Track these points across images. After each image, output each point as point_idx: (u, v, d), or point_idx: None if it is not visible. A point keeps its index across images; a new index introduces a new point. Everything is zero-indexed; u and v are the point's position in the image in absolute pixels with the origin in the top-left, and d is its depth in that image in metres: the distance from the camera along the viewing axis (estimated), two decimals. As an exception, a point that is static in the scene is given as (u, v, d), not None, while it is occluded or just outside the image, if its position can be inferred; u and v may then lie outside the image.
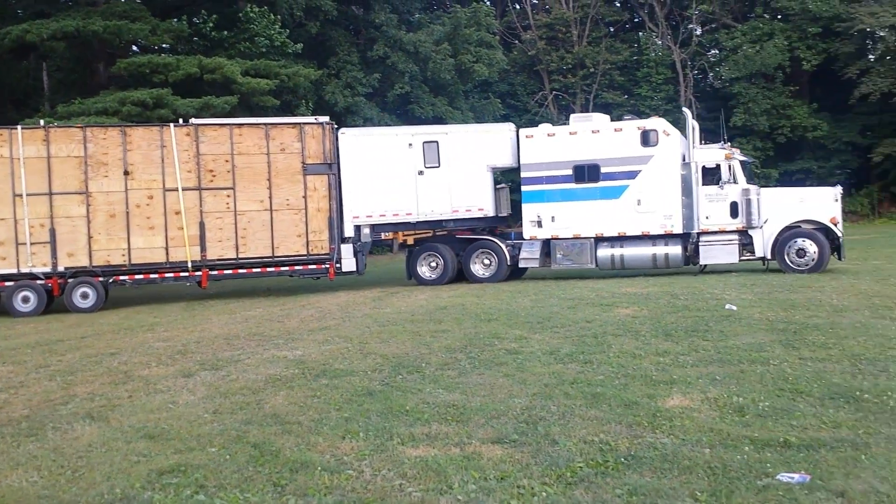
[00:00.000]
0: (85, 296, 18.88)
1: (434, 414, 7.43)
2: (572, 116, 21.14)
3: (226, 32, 31.84)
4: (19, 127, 19.20)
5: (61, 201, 18.69)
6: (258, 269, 19.79)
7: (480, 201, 20.31)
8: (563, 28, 48.36)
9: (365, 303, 16.94)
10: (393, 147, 20.35)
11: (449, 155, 20.22)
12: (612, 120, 21.02)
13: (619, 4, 52.28)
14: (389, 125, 32.59)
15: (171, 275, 19.41)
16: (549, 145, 19.86)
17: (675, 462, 5.81)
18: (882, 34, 42.29)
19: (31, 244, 18.54)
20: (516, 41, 49.55)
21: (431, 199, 20.21)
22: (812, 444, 6.03)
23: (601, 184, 19.39)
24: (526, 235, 20.08)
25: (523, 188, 20.16)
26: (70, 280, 18.81)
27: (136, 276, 19.26)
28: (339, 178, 19.99)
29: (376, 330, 12.65)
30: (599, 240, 19.50)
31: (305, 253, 19.70)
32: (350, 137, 20.44)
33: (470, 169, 20.22)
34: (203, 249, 19.31)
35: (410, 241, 21.12)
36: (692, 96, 46.03)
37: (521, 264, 20.27)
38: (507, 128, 21.13)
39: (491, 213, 20.46)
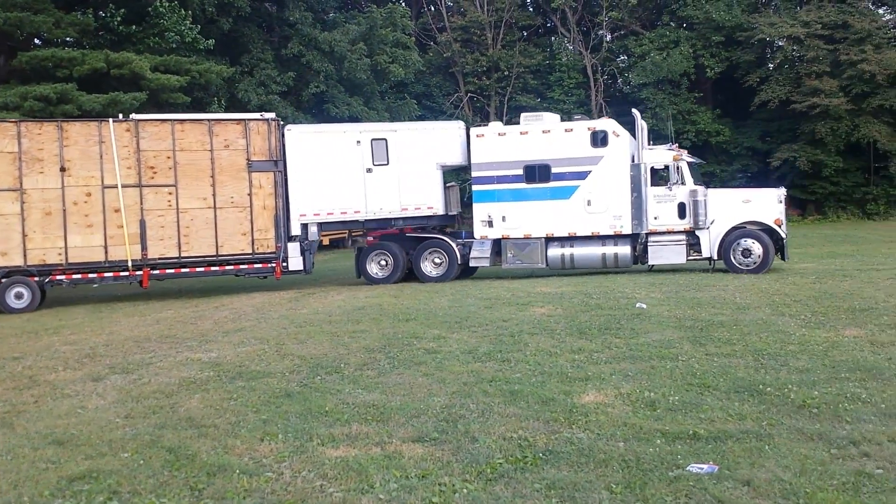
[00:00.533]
0: (19, 296, 18.22)
1: (354, 414, 7.44)
2: (523, 116, 20.84)
3: (134, 27, 30.88)
4: None
5: None
6: (202, 269, 19.29)
7: (430, 200, 20.11)
8: (477, 31, 48.78)
9: (281, 304, 16.74)
10: (341, 144, 20.01)
11: (398, 153, 19.98)
12: (562, 120, 21.07)
13: (532, 9, 53.03)
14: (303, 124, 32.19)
15: (111, 274, 18.83)
16: (500, 144, 19.79)
17: (591, 456, 5.98)
18: (780, 44, 44.16)
19: None
20: (432, 43, 49.74)
21: (380, 198, 19.94)
22: (719, 435, 6.29)
23: (552, 184, 19.42)
24: (477, 235, 20.03)
25: (474, 187, 20.13)
26: (3, 280, 18.15)
27: (74, 276, 18.65)
28: (286, 175, 19.60)
29: (293, 331, 12.53)
30: (550, 240, 19.54)
31: (251, 252, 19.25)
32: (296, 134, 20.01)
33: (419, 167, 20.00)
34: (144, 248, 18.75)
35: (370, 240, 20.77)
36: (603, 101, 47.08)
37: (472, 263, 20.23)
38: (457, 126, 21.03)
39: (440, 212, 20.27)
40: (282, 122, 20.13)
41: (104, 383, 9.36)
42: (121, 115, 20.06)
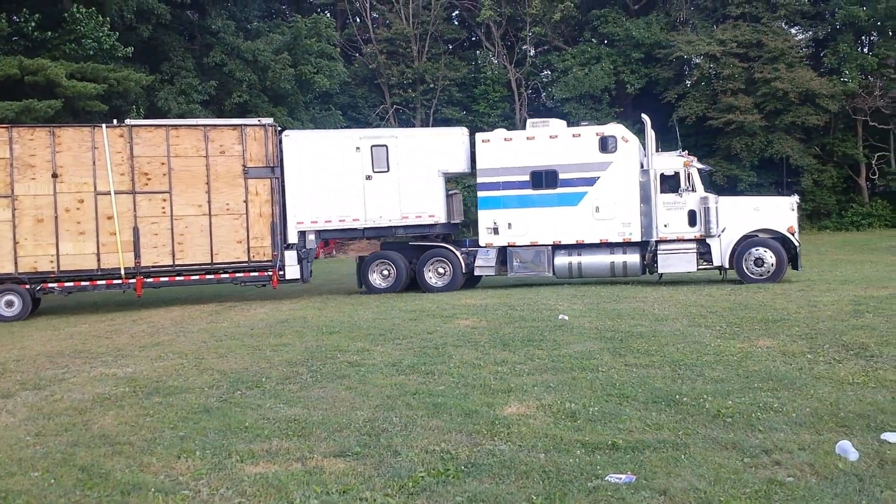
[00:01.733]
0: (10, 304, 17.84)
1: (275, 429, 7.32)
2: (529, 121, 20.46)
3: (50, 33, 29.95)
4: None
5: None
6: (196, 277, 18.83)
7: (431, 207, 19.64)
8: (403, 43, 48.91)
9: (201, 317, 16.39)
10: (340, 150, 19.56)
11: (398, 159, 19.53)
12: (569, 125, 20.55)
13: (457, 23, 53.44)
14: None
15: (104, 282, 18.30)
16: (506, 150, 19.37)
17: (513, 468, 6.02)
18: (697, 61, 45.52)
19: None
20: (357, 54, 49.65)
21: (380, 205, 19.47)
22: (637, 445, 6.40)
23: (559, 190, 19.00)
24: (482, 243, 19.60)
25: (479, 194, 19.68)
26: None
27: (66, 284, 18.12)
28: (283, 182, 19.14)
29: (213, 345, 12.28)
30: (557, 247, 19.07)
31: (247, 260, 18.76)
32: (294, 140, 19.59)
33: (420, 174, 19.56)
34: (137, 256, 18.24)
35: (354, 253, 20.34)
36: (526, 115, 47.68)
37: (477, 272, 19.75)
38: (460, 132, 20.47)
39: (442, 220, 19.80)
40: (279, 128, 19.74)
41: (14, 400, 9.00)
42: (115, 121, 19.49)
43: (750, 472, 5.76)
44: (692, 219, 18.39)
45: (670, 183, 18.60)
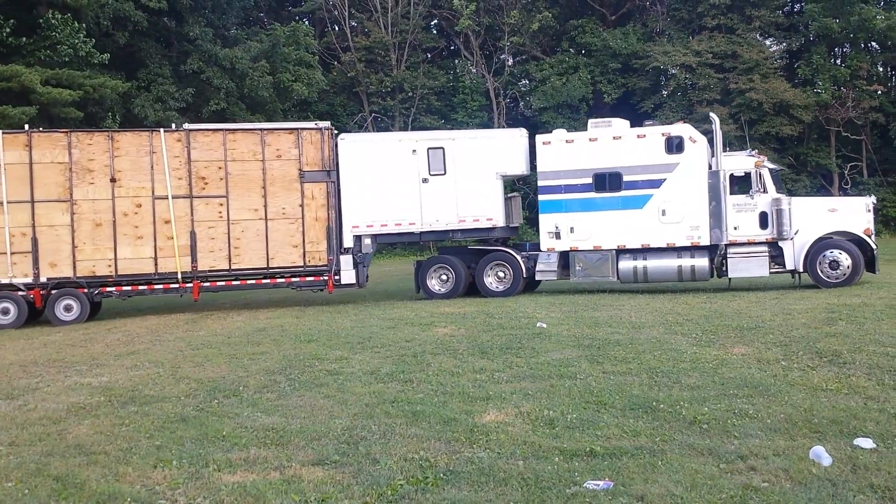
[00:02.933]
0: (69, 308, 17.86)
1: (252, 438, 7.29)
2: (591, 122, 19.85)
3: (24, 39, 29.67)
4: (0, 132, 18.12)
5: (44, 209, 17.73)
6: (252, 281, 18.68)
7: (489, 211, 19.28)
8: (381, 52, 48.93)
9: (177, 325, 16.28)
10: (396, 153, 19.31)
11: (455, 162, 19.22)
12: (632, 126, 19.96)
13: (436, 32, 53.57)
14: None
15: (161, 286, 18.26)
16: (568, 152, 18.92)
17: (492, 475, 6.03)
18: (673, 72, 45.94)
19: (12, 254, 17.61)
20: (335, 62, 49.60)
21: (436, 209, 19.16)
22: (615, 452, 6.44)
23: (623, 193, 18.49)
24: (543, 247, 19.12)
25: (540, 197, 19.22)
26: (53, 292, 17.77)
27: (124, 288, 18.07)
28: (339, 185, 18.96)
29: (190, 353, 12.20)
30: (621, 252, 18.58)
31: (302, 264, 18.59)
32: (350, 143, 19.40)
33: (478, 176, 19.21)
34: (194, 260, 18.17)
35: None
36: (504, 123, 47.86)
37: (538, 277, 19.33)
38: (519, 133, 20.05)
39: (500, 223, 19.44)
40: (336, 132, 19.56)
41: (-15, 410, 8.89)
42: (173, 125, 19.46)
43: (726, 478, 5.81)
44: (763, 221, 17.86)
45: (740, 184, 18.14)
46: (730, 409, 7.53)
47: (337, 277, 18.78)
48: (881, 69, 47.02)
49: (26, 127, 18.97)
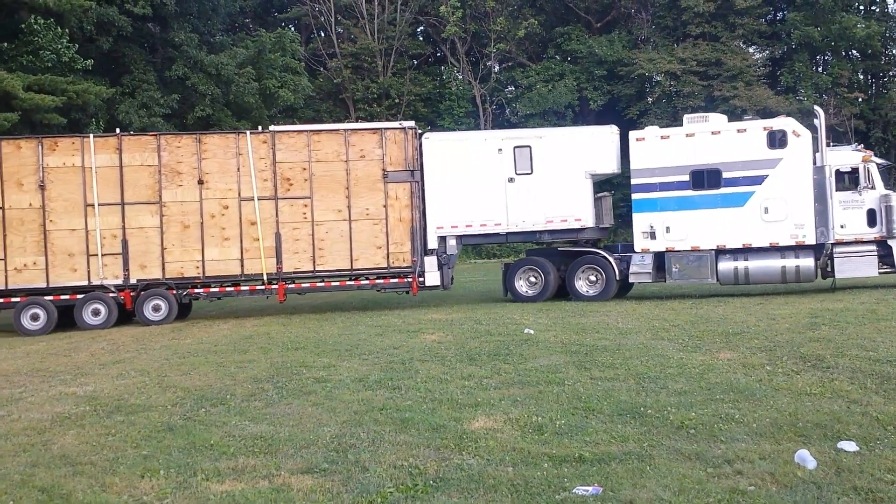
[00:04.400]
0: (157, 308, 18.06)
1: (241, 447, 7.26)
2: (686, 117, 19.35)
3: (6, 44, 29.47)
4: (91, 135, 18.57)
5: (134, 211, 18.05)
6: (336, 283, 18.64)
7: (578, 211, 18.84)
8: (368, 58, 49.01)
9: (163, 334, 16.20)
10: (481, 152, 18.98)
11: (543, 160, 18.80)
12: (730, 120, 19.43)
13: (422, 38, 53.72)
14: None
15: (247, 288, 18.36)
16: (663, 149, 18.31)
17: (481, 482, 6.03)
18: (658, 79, 46.25)
19: (103, 255, 17.91)
20: (322, 69, 49.62)
21: (523, 209, 18.76)
22: (603, 457, 6.46)
23: (722, 190, 17.85)
24: (637, 248, 18.51)
25: (633, 196, 18.67)
26: (142, 293, 18.01)
27: (212, 289, 18.19)
28: (423, 185, 18.78)
29: (176, 362, 12.14)
30: (721, 252, 17.87)
31: (386, 266, 18.53)
32: (434, 143, 19.13)
33: (566, 175, 18.77)
34: (279, 261, 18.23)
35: None
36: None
37: (632, 280, 18.67)
38: (609, 130, 19.50)
39: (590, 224, 18.99)
40: (419, 131, 19.38)
41: (-30, 420, 8.81)
42: (259, 127, 19.42)
43: (713, 482, 5.84)
44: (871, 218, 17.25)
45: (847, 180, 17.52)
46: (716, 414, 7.57)
47: (421, 279, 18.60)
48: (861, 77, 47.51)
49: (118, 131, 19.21)
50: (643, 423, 7.43)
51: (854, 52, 46.90)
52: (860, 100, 44.77)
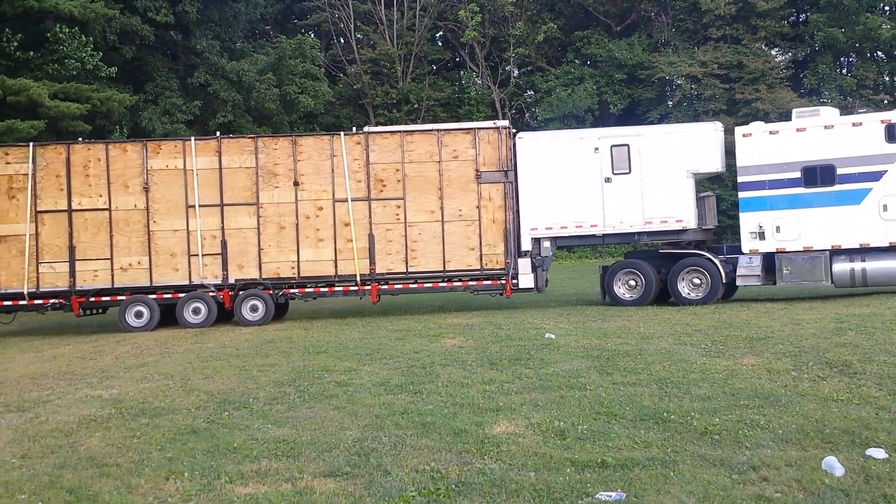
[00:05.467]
0: (254, 309, 18.18)
1: (263, 450, 7.30)
2: (795, 111, 18.46)
3: (32, 53, 29.86)
4: (192, 138, 18.88)
5: (232, 213, 18.28)
6: (429, 284, 18.70)
7: (679, 211, 18.12)
8: (387, 64, 49.13)
9: (186, 338, 16.31)
10: (577, 152, 18.45)
11: (641, 159, 18.21)
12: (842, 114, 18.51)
13: (441, 44, 53.79)
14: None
15: (341, 288, 18.49)
16: (771, 145, 17.54)
17: (503, 486, 6.02)
18: (679, 82, 46.00)
19: (203, 256, 18.21)
20: (341, 74, 49.81)
21: (621, 210, 18.20)
22: (627, 463, 6.43)
23: (837, 187, 17.00)
24: (745, 249, 17.70)
25: (740, 194, 18.02)
26: (240, 292, 18.20)
27: (307, 290, 18.39)
28: (516, 186, 18.49)
29: (199, 366, 12.23)
30: (836, 252, 17.03)
31: (479, 267, 18.32)
32: (528, 142, 18.76)
33: (666, 175, 18.12)
34: (372, 262, 18.28)
35: None
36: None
37: (739, 282, 17.83)
38: (713, 127, 18.76)
39: (692, 225, 18.25)
40: (514, 131, 19.10)
41: (-3, 423, 8.92)
42: (354, 129, 19.66)
43: (738, 489, 5.80)
44: None
45: None
46: (741, 420, 7.52)
47: (515, 281, 18.28)
48: (887, 79, 47.01)
49: (217, 134, 19.47)
50: (666, 428, 7.40)
51: (879, 53, 46.39)
52: (886, 102, 44.29)
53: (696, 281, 17.93)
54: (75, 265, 18.18)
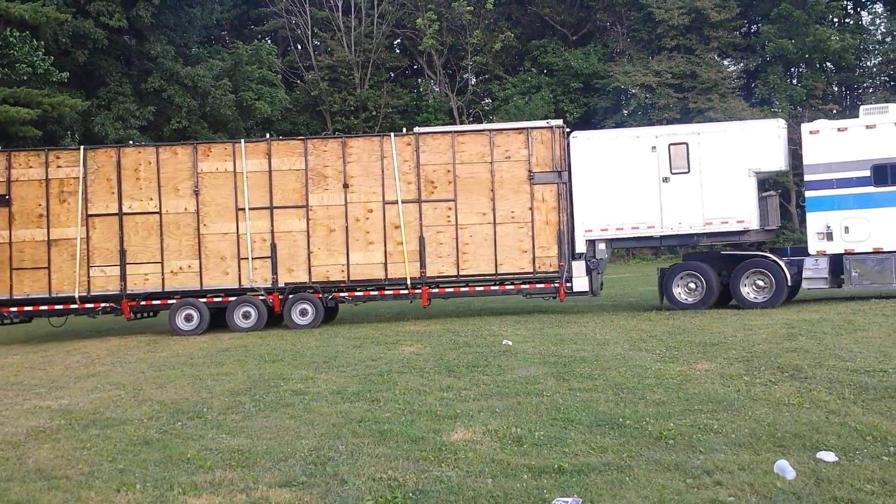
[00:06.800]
0: (304, 313, 18.02)
1: (218, 460, 7.20)
2: (862, 108, 18.01)
3: (-20, 57, 29.30)
4: (243, 140, 18.81)
5: (282, 215, 18.09)
6: (480, 288, 18.25)
7: (740, 212, 17.52)
8: (345, 71, 49.05)
9: (138, 347, 16.04)
10: (633, 151, 17.92)
11: (701, 158, 17.65)
12: None
13: (399, 51, 53.85)
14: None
15: (391, 292, 18.06)
16: (839, 143, 16.93)
17: (461, 494, 6.01)
18: (634, 91, 46.62)
19: (253, 259, 18.03)
20: (299, 81, 49.58)
21: (679, 210, 17.64)
22: (583, 468, 6.46)
23: None
24: (811, 250, 17.15)
25: (807, 193, 17.43)
26: (290, 296, 17.99)
27: (356, 293, 18.00)
28: (570, 187, 18.03)
29: (152, 375, 12.02)
30: None
31: (531, 270, 17.91)
32: (583, 142, 18.19)
33: (727, 174, 17.54)
34: (422, 266, 17.89)
35: None
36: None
37: (806, 286, 17.25)
38: (776, 124, 18.10)
39: (754, 226, 17.63)
40: (568, 130, 18.58)
41: (-59, 436, 8.67)
42: (404, 129, 19.28)
43: (692, 493, 5.86)
44: None
45: None
46: (695, 425, 7.60)
47: (569, 285, 17.90)
48: (836, 89, 48.17)
49: (268, 136, 19.30)
50: (622, 433, 7.45)
51: (828, 63, 47.58)
52: (835, 112, 45.34)
53: (760, 283, 17.39)
54: (126, 269, 18.06)
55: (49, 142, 29.86)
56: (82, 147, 18.64)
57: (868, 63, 48.69)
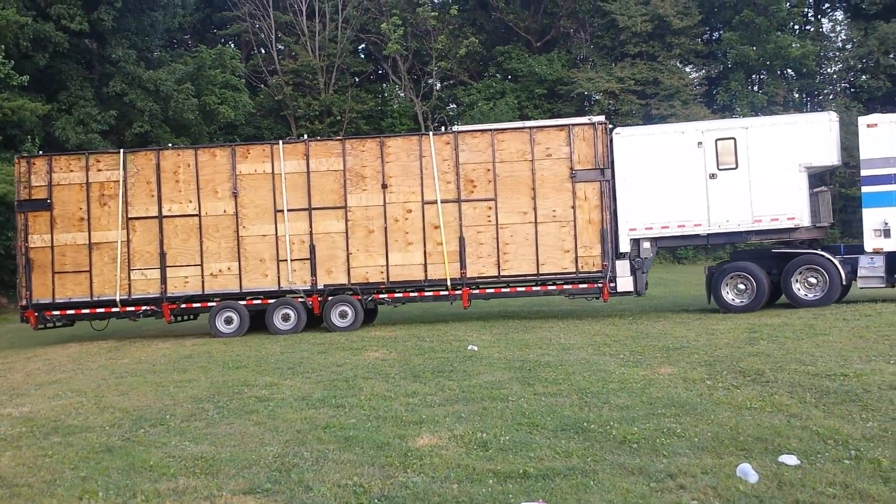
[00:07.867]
0: (343, 315, 17.80)
1: (181, 468, 7.13)
2: None
3: (-62, 59, 28.72)
4: (280, 142, 18.60)
5: (320, 217, 17.90)
6: (522, 288, 17.82)
7: (791, 208, 17.08)
8: (309, 75, 48.80)
9: (100, 353, 15.82)
10: (678, 147, 17.50)
11: (749, 154, 17.19)
12: None
13: (363, 56, 53.73)
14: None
15: (431, 293, 17.75)
16: None
17: (427, 500, 6.02)
18: (597, 98, 47.01)
19: (292, 261, 17.84)
20: (263, 85, 49.24)
21: (726, 207, 17.21)
22: (548, 473, 6.50)
23: None
24: (867, 248, 16.58)
25: (863, 189, 16.83)
26: (330, 298, 17.80)
27: (396, 294, 17.87)
28: (614, 184, 17.64)
29: (114, 382, 11.87)
30: None
31: (574, 270, 17.53)
32: (627, 138, 17.80)
33: (777, 169, 17.07)
34: (462, 266, 17.55)
35: None
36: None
37: (861, 284, 16.78)
38: (827, 117, 17.55)
39: (805, 223, 17.17)
40: (611, 126, 18.22)
41: None
42: (443, 128, 18.73)
43: (656, 497, 5.92)
44: None
45: None
46: (658, 429, 7.68)
47: (612, 285, 17.57)
48: (797, 95, 48.96)
49: (305, 136, 19.05)
50: (586, 438, 7.51)
51: (789, 70, 48.30)
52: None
53: (812, 280, 16.97)
54: (166, 271, 17.93)
55: (9, 146, 29.37)
56: (122, 150, 18.62)
57: (829, 70, 49.53)
